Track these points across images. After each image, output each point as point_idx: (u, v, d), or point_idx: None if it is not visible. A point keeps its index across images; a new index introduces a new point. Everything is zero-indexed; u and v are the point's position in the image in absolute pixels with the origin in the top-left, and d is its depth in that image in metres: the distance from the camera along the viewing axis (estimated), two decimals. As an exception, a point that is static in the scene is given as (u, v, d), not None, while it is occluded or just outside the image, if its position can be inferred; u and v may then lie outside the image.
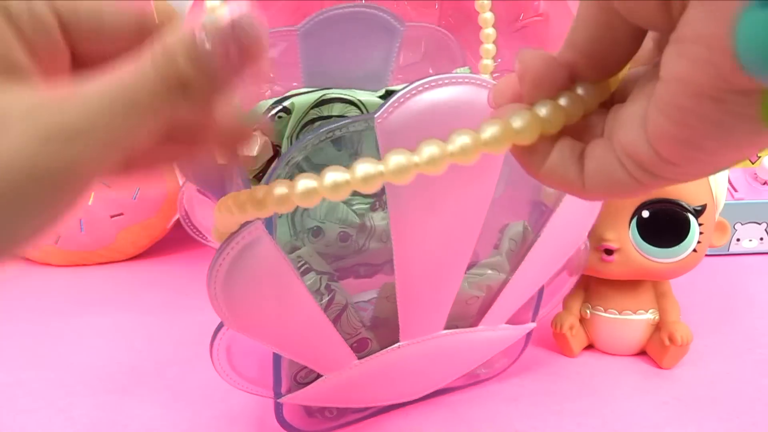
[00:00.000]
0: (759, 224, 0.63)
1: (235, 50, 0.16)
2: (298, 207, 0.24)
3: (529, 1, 0.59)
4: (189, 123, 0.20)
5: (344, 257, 0.33)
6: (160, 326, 0.51)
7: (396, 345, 0.33)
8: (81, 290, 0.61)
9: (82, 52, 0.19)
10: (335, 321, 0.31)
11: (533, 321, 0.39)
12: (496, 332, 0.37)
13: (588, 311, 0.43)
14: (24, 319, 0.53)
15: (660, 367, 0.41)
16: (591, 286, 0.43)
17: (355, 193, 0.30)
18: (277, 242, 0.27)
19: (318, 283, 0.30)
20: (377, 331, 0.33)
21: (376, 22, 0.39)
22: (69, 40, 0.19)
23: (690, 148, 0.15)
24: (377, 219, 0.33)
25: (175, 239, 0.68)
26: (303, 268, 0.30)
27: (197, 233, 0.42)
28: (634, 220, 0.38)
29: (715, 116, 0.14)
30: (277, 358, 0.32)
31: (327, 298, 0.31)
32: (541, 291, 0.38)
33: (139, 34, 0.19)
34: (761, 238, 0.63)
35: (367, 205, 0.33)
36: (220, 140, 0.21)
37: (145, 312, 0.54)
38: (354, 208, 0.33)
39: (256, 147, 0.27)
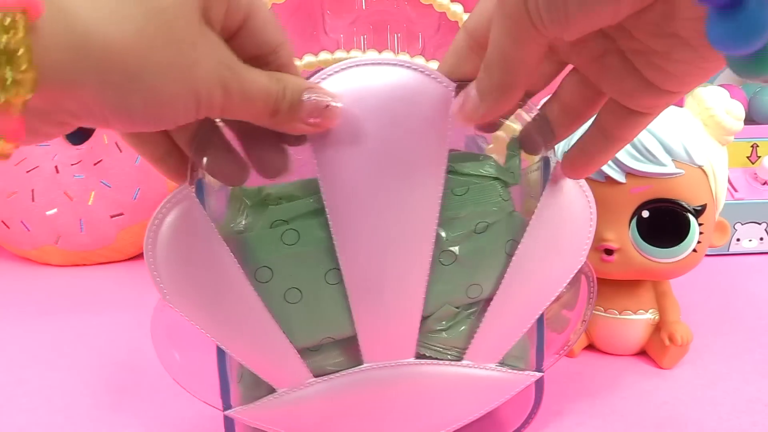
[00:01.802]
0: (759, 224, 0.63)
1: (314, 118, 0.25)
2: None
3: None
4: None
5: None
6: (160, 326, 0.51)
7: (360, 367, 0.30)
8: (81, 290, 0.61)
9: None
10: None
11: (539, 369, 0.33)
12: (484, 373, 0.31)
13: None
14: (24, 319, 0.53)
15: (660, 367, 0.41)
16: (591, 286, 0.43)
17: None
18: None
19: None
20: (339, 347, 0.30)
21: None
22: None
23: None
24: None
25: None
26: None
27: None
28: (634, 220, 0.38)
29: None
30: (221, 356, 0.30)
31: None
32: (540, 328, 0.32)
33: (273, 51, 0.25)
34: (761, 238, 0.63)
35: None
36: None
37: (145, 312, 0.54)
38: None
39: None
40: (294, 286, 0.29)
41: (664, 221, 0.38)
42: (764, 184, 0.64)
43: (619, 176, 0.37)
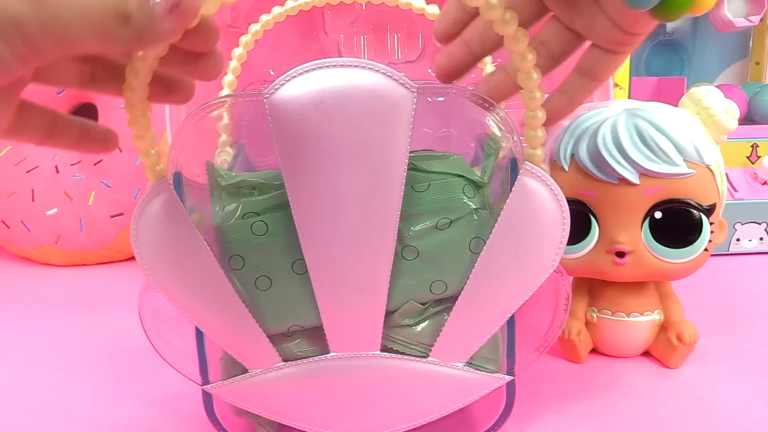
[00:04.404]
0: (759, 224, 0.63)
1: (174, 8, 0.21)
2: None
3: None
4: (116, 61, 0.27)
5: None
6: (160, 326, 0.51)
7: (326, 355, 0.31)
8: (81, 290, 0.61)
9: None
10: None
11: (510, 372, 0.33)
12: (451, 371, 0.32)
13: (594, 315, 0.42)
14: (24, 319, 0.53)
15: (667, 367, 0.41)
16: (595, 290, 0.43)
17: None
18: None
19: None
20: (308, 335, 0.31)
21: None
22: None
23: None
24: None
25: (175, 239, 0.68)
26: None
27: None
28: (647, 222, 0.38)
29: None
30: (200, 336, 0.32)
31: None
32: (511, 331, 0.32)
33: None
34: (761, 238, 0.63)
35: None
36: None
37: (145, 312, 0.54)
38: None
39: None
40: (264, 274, 0.30)
41: (677, 222, 0.38)
42: (764, 184, 0.64)
43: (633, 177, 0.37)
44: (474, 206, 0.30)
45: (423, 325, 0.32)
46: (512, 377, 0.33)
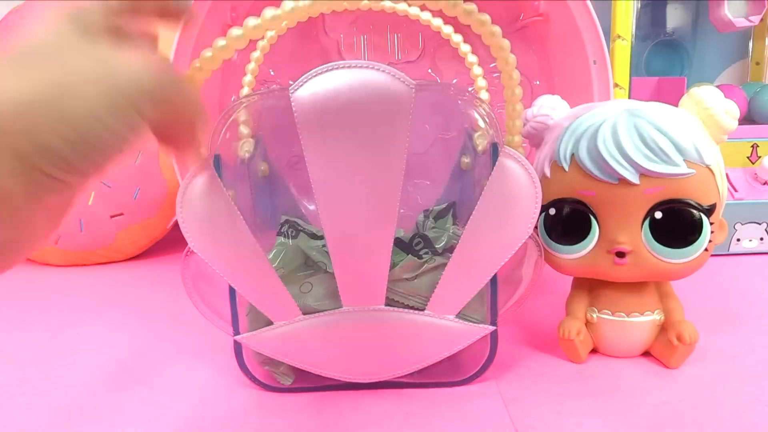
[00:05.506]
0: (759, 224, 0.63)
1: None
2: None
3: (529, 1, 0.59)
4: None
5: None
6: (160, 326, 0.51)
7: (339, 309, 0.37)
8: (81, 290, 0.61)
9: None
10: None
11: (493, 322, 0.39)
12: (442, 322, 0.38)
13: (594, 315, 0.42)
14: (24, 319, 0.53)
15: (667, 367, 0.41)
16: (595, 290, 0.42)
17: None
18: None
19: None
20: (324, 291, 0.38)
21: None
22: None
23: None
24: None
25: (175, 239, 0.68)
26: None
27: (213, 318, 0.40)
28: (647, 222, 0.38)
29: None
30: (232, 293, 0.38)
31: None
32: (494, 288, 0.38)
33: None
34: (761, 238, 0.63)
35: None
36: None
37: (145, 312, 0.54)
38: None
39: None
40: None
41: (677, 222, 0.38)
42: (764, 184, 0.64)
43: (633, 177, 0.37)
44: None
45: (420, 279, 0.38)
46: (495, 327, 0.39)
